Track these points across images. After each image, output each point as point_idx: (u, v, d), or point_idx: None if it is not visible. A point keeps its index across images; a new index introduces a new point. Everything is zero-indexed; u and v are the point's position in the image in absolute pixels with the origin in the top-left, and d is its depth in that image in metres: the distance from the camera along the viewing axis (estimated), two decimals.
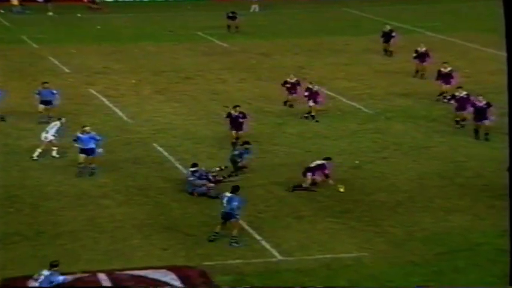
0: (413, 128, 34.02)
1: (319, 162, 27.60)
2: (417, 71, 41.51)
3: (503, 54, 53.59)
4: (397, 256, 22.48)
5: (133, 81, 42.13)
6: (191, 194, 26.73)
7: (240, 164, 28.52)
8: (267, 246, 23.12)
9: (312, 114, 34.75)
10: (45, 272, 19.58)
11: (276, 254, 22.70)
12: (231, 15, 55.27)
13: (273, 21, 59.87)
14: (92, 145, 28.40)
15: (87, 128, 28.70)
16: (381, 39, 47.30)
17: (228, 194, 23.41)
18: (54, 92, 34.65)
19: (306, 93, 34.94)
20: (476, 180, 27.96)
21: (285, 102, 36.51)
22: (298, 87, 36.25)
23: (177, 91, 40.29)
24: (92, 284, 20.63)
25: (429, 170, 29.10)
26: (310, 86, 35.06)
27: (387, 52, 47.15)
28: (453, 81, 37.07)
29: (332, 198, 26.54)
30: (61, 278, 19.57)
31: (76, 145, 28.66)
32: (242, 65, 45.79)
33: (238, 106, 31.65)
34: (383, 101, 38.13)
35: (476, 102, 31.97)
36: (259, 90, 40.31)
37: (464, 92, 33.29)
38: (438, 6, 64.92)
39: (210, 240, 23.20)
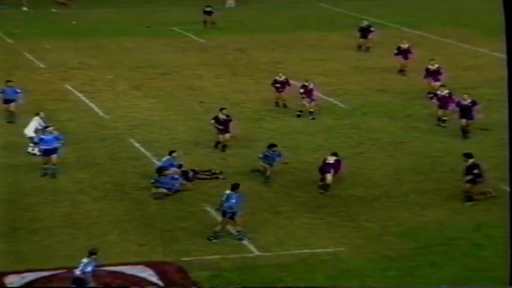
0: (389, 123, 34.14)
1: (333, 158, 27.10)
2: (402, 69, 41.14)
3: (478, 49, 53.96)
4: (374, 251, 22.58)
5: (110, 76, 42.00)
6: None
7: (268, 167, 27.59)
8: (244, 241, 23.13)
9: (310, 110, 34.40)
10: (84, 260, 19.81)
11: (253, 249, 22.73)
12: (207, 10, 55.19)
13: (249, 17, 59.87)
14: (56, 145, 28.03)
15: (50, 129, 28.37)
16: (358, 34, 47.36)
17: (227, 192, 23.32)
18: (18, 91, 34.07)
19: (302, 91, 34.64)
20: (452, 175, 28.07)
21: (277, 103, 35.84)
22: (287, 86, 35.89)
23: (154, 87, 40.20)
24: (69, 281, 20.57)
25: (405, 165, 29.23)
26: (306, 84, 34.83)
27: (362, 48, 47.19)
28: (441, 78, 36.97)
29: (309, 194, 26.60)
30: (89, 268, 19.70)
31: (38, 149, 28.28)
32: (218, 60, 45.76)
33: (224, 108, 31.05)
34: (359, 96, 38.23)
35: (461, 101, 31.88)
36: (235, 86, 40.32)
37: (446, 91, 33.24)
38: (413, 1, 65.15)
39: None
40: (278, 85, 35.85)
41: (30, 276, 20.88)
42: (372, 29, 47.19)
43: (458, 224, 24.23)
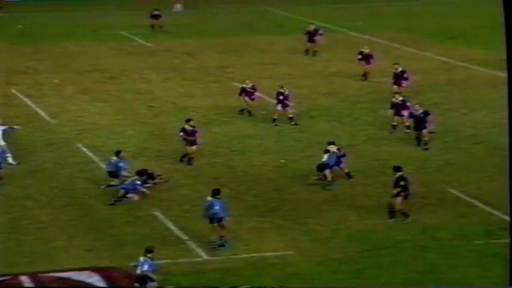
0: (337, 127, 34.34)
1: (335, 149, 27.73)
2: (365, 74, 41.14)
3: (423, 53, 54.32)
4: (322, 254, 22.70)
5: (56, 81, 41.64)
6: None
7: (344, 170, 27.97)
8: (193, 246, 23.12)
9: (275, 117, 34.17)
10: (141, 259, 20.12)
11: (202, 253, 22.71)
12: (155, 13, 54.99)
13: (197, 21, 59.78)
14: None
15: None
16: (305, 38, 47.56)
17: (209, 198, 23.21)
18: None
19: (281, 98, 34.30)
20: None
21: (247, 110, 35.39)
22: (254, 93, 35.39)
23: (101, 91, 39.96)
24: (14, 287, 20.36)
25: (353, 168, 29.36)
26: (282, 90, 34.71)
27: (309, 52, 47.35)
28: (404, 82, 37.07)
29: (258, 198, 26.66)
30: (145, 267, 19.99)
31: None
32: (166, 64, 45.63)
33: (191, 120, 30.34)
34: (307, 100, 38.38)
35: (413, 111, 31.92)
36: (184, 90, 40.25)
37: (400, 98, 33.35)
38: (361, 6, 65.66)
39: (220, 245, 22.86)
40: (249, 93, 35.37)
41: None
42: (320, 32, 47.39)
43: (405, 226, 24.44)
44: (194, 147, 29.70)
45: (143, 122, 34.95)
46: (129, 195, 26.19)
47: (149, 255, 20.25)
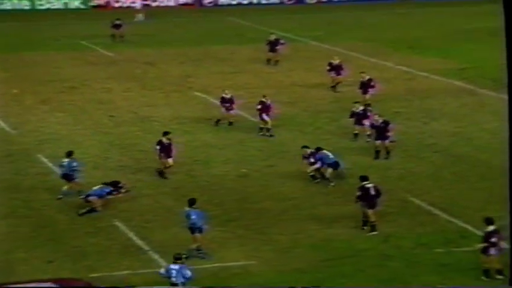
0: (299, 136, 34.39)
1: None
2: (335, 85, 41.13)
3: (384, 63, 54.47)
4: (284, 263, 22.72)
5: (15, 91, 41.26)
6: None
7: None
8: (155, 256, 23.01)
9: (268, 127, 34.05)
10: (174, 266, 20.03)
11: (164, 264, 22.56)
12: (116, 23, 54.77)
13: (158, 30, 59.67)
14: None
15: None
16: (266, 48, 47.68)
17: (186, 209, 23.13)
18: None
19: (259, 107, 34.32)
20: None
21: (217, 121, 35.25)
22: (233, 104, 35.28)
23: (62, 101, 39.70)
24: None
25: None
26: (264, 100, 34.69)
27: (270, 61, 47.45)
28: (371, 90, 37.38)
29: (220, 207, 26.63)
30: (189, 273, 20.10)
31: None
32: (127, 74, 45.46)
33: (168, 133, 29.85)
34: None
35: (373, 123, 32.00)
36: (145, 100, 40.11)
37: (361, 107, 33.49)
38: (321, 16, 65.99)
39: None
40: (227, 104, 35.28)
41: None
42: (281, 41, 47.54)
43: (367, 235, 24.55)
44: (170, 160, 29.23)
45: (104, 132, 34.77)
46: (92, 199, 25.93)
47: (180, 261, 20.24)
